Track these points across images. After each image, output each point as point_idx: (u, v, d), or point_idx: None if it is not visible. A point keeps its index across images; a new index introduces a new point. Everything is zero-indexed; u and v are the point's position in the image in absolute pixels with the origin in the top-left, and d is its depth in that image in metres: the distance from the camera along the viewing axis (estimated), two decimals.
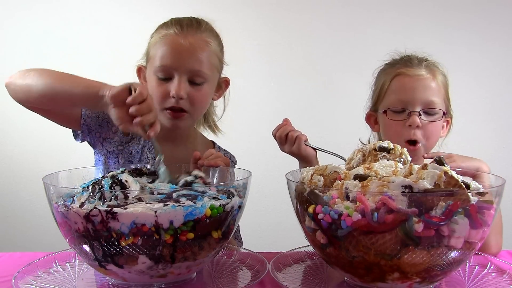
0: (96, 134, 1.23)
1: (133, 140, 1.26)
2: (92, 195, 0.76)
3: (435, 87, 1.25)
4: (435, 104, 1.23)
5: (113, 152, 1.25)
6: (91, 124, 1.21)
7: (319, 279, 0.88)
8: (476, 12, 2.34)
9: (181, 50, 1.14)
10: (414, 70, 1.26)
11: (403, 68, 1.27)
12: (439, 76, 1.28)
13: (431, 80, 1.25)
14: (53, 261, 0.94)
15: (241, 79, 2.37)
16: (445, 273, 0.76)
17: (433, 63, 1.30)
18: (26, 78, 1.06)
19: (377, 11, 2.35)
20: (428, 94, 1.23)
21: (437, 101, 1.23)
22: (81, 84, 1.00)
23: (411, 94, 1.23)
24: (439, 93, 1.25)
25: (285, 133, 1.31)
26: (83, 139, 1.25)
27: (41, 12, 2.30)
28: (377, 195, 0.70)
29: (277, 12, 2.36)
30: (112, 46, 2.26)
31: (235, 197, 0.83)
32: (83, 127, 1.20)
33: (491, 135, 2.33)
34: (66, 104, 1.08)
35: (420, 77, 1.25)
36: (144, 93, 0.90)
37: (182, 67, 1.14)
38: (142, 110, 0.90)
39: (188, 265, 0.80)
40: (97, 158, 1.29)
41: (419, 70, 1.26)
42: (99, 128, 1.22)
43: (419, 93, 1.23)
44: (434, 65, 1.30)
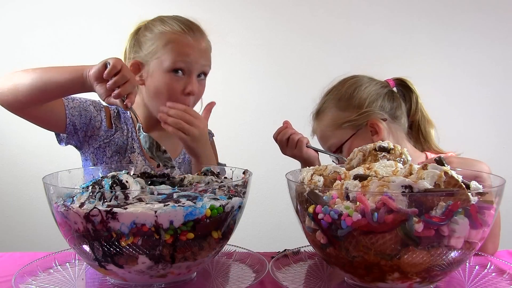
0: (81, 133, 1.25)
1: (118, 132, 1.30)
2: (92, 195, 0.76)
3: (322, 134, 1.33)
4: (332, 147, 1.31)
5: (99, 147, 1.29)
6: (76, 123, 1.23)
7: (319, 279, 0.88)
8: (476, 12, 2.34)
9: (195, 52, 1.23)
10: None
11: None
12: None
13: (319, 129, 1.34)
14: (53, 261, 0.94)
15: (241, 79, 2.39)
16: (445, 273, 0.76)
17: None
18: (11, 79, 1.11)
19: (377, 11, 2.35)
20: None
21: (331, 143, 1.31)
22: (66, 71, 1.05)
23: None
24: (328, 135, 1.32)
25: (286, 137, 1.31)
26: (68, 142, 1.27)
27: (28, 6, 2.29)
28: (377, 195, 0.70)
29: (277, 12, 2.36)
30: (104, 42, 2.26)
31: (235, 197, 0.84)
32: (68, 127, 1.22)
33: (491, 135, 2.33)
34: (56, 92, 1.10)
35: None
36: (118, 66, 0.96)
37: (194, 66, 1.23)
38: (118, 82, 0.97)
39: (188, 265, 0.80)
40: (84, 159, 1.31)
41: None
42: (84, 126, 1.25)
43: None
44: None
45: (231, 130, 2.26)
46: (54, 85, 1.07)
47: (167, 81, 1.22)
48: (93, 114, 1.26)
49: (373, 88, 1.30)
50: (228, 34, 2.30)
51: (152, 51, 1.23)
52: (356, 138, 1.26)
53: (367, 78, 1.34)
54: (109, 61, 0.97)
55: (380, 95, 1.29)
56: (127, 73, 0.98)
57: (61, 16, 2.30)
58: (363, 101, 1.27)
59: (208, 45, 1.28)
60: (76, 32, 2.30)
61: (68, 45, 2.27)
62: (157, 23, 1.26)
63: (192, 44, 1.23)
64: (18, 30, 2.30)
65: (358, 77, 1.34)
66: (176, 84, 1.22)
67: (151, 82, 1.24)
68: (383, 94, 1.30)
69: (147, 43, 1.25)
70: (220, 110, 2.32)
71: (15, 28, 2.30)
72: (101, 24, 2.30)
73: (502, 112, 2.36)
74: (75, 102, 1.24)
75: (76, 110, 1.23)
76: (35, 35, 2.30)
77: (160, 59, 1.22)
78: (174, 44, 1.22)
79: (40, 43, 2.30)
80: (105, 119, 1.28)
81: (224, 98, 2.27)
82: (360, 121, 1.27)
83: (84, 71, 1.01)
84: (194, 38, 1.24)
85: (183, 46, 1.22)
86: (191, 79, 1.23)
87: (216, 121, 1.32)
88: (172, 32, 1.23)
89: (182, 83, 1.22)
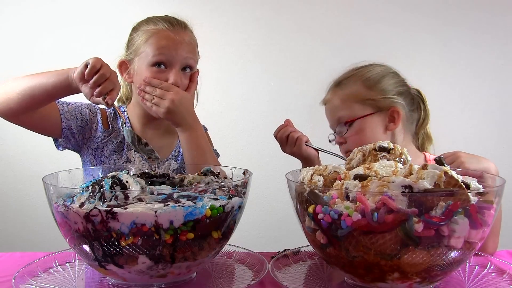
0: (79, 136, 1.28)
1: (114, 132, 1.32)
2: (92, 195, 0.76)
3: (336, 103, 1.31)
4: (342, 118, 1.29)
5: (97, 147, 1.31)
6: (72, 127, 1.25)
7: (319, 279, 0.88)
8: (476, 12, 2.34)
9: (175, 44, 1.24)
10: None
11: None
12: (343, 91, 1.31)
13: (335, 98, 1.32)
14: (53, 261, 0.94)
15: (241, 79, 2.39)
16: (445, 273, 0.76)
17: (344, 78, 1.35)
18: (2, 89, 1.14)
19: (377, 11, 2.35)
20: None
21: (343, 114, 1.28)
22: (52, 75, 1.08)
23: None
24: (343, 106, 1.30)
25: (286, 134, 1.31)
26: (65, 147, 1.29)
27: (31, 9, 2.30)
28: (377, 195, 0.70)
29: (277, 12, 2.36)
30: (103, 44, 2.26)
31: (235, 197, 0.84)
32: (64, 131, 1.24)
33: (491, 135, 2.33)
34: (44, 97, 1.12)
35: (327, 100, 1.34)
36: (97, 65, 0.99)
37: (176, 58, 1.24)
38: (98, 80, 0.99)
39: (188, 265, 0.80)
40: (83, 161, 1.33)
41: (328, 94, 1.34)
42: (81, 129, 1.28)
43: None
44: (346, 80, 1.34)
45: (231, 130, 2.26)
46: (42, 90, 1.09)
47: (149, 75, 1.23)
48: (89, 117, 1.29)
49: (399, 82, 1.31)
50: (228, 33, 2.30)
51: (136, 48, 1.26)
52: (372, 118, 1.26)
53: (393, 70, 1.35)
54: (89, 61, 0.99)
55: (405, 92, 1.31)
56: (107, 71, 1.00)
57: (68, 20, 2.30)
58: (390, 88, 1.28)
59: (192, 39, 1.29)
60: (81, 36, 2.30)
61: (74, 49, 2.27)
62: (143, 22, 1.30)
63: (172, 37, 1.24)
64: (26, 34, 2.31)
65: (386, 67, 1.35)
66: (159, 77, 1.23)
67: (137, 79, 1.27)
68: (407, 92, 1.32)
69: (131, 41, 1.28)
70: (220, 110, 2.31)
71: (22, 32, 2.30)
72: (105, 27, 2.30)
73: (502, 112, 2.36)
74: (70, 106, 1.26)
75: (71, 114, 1.25)
76: (43, 39, 2.31)
77: (142, 55, 1.24)
78: (153, 38, 1.24)
79: (47, 46, 2.30)
80: (101, 121, 1.31)
81: (224, 98, 2.29)
82: (383, 103, 1.27)
83: (69, 73, 1.04)
84: (174, 32, 1.25)
85: (162, 39, 1.24)
86: (173, 71, 1.24)
87: (216, 121, 1.33)
88: (154, 29, 1.25)
89: (164, 75, 1.23)
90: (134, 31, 1.30)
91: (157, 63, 1.23)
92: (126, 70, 1.29)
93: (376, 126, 1.26)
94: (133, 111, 1.36)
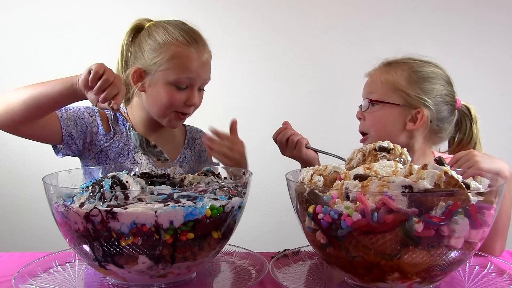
0: (80, 141, 1.26)
1: (117, 134, 1.31)
2: (92, 195, 0.76)
3: (375, 80, 1.30)
4: (371, 95, 1.28)
5: (101, 151, 1.29)
6: (72, 132, 1.23)
7: (319, 279, 0.88)
8: (476, 13, 2.34)
9: (199, 66, 1.25)
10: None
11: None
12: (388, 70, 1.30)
13: (377, 76, 1.30)
14: (53, 261, 0.94)
15: (241, 79, 2.39)
16: (445, 273, 0.76)
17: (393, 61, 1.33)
18: (4, 100, 1.12)
19: (378, 11, 2.35)
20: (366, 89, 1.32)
21: (374, 92, 1.28)
22: (57, 83, 1.07)
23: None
24: (380, 86, 1.28)
25: (285, 138, 1.31)
26: (65, 153, 1.27)
27: (32, 11, 2.30)
28: (377, 195, 0.70)
29: (277, 12, 2.35)
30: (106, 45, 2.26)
31: (235, 197, 0.84)
32: (65, 138, 1.23)
33: (491, 135, 2.33)
34: (50, 106, 1.11)
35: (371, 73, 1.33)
36: (100, 71, 0.98)
37: (198, 79, 1.26)
38: (102, 86, 0.98)
39: (188, 265, 0.80)
40: (85, 165, 1.32)
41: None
42: (81, 134, 1.26)
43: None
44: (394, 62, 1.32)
45: None
46: (47, 99, 1.08)
47: (169, 93, 1.23)
48: (88, 121, 1.27)
49: (446, 91, 1.27)
50: (228, 34, 2.30)
51: (157, 62, 1.23)
52: (396, 109, 1.24)
53: (448, 79, 1.31)
54: (92, 67, 0.98)
55: (445, 101, 1.27)
56: (110, 76, 0.98)
57: (71, 25, 2.30)
58: (430, 92, 1.25)
59: (210, 56, 1.30)
60: (83, 41, 2.29)
61: (78, 54, 2.26)
62: (160, 30, 1.25)
63: (196, 58, 1.24)
64: (28, 40, 2.30)
65: (442, 72, 1.30)
66: (178, 96, 1.24)
67: (153, 91, 1.25)
68: (448, 102, 1.27)
69: (151, 53, 1.24)
70: (220, 111, 2.31)
71: (25, 38, 2.30)
72: (106, 29, 2.30)
73: (502, 112, 2.36)
74: (69, 112, 1.24)
75: (71, 120, 1.23)
76: (45, 43, 2.30)
77: (164, 72, 1.22)
78: (179, 60, 1.22)
79: (50, 51, 2.30)
80: (101, 123, 1.29)
81: (224, 99, 2.28)
82: (413, 101, 1.24)
83: (73, 81, 1.03)
84: (197, 51, 1.24)
85: (188, 62, 1.23)
86: (193, 92, 1.26)
87: (216, 122, 1.32)
88: (177, 44, 1.22)
89: (184, 95, 1.25)
90: (150, 38, 1.26)
91: (180, 83, 1.23)
92: (140, 79, 1.26)
93: (396, 119, 1.24)
94: (136, 113, 1.34)
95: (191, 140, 1.46)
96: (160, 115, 1.28)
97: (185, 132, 1.47)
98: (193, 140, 1.46)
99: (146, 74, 1.25)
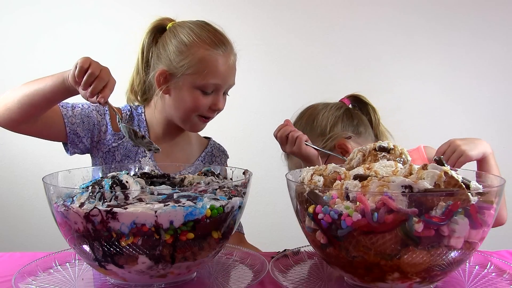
0: (87, 140, 1.24)
1: (125, 137, 1.27)
2: (92, 195, 0.76)
3: None
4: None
5: (108, 151, 1.28)
6: (77, 131, 1.22)
7: (319, 279, 0.88)
8: (476, 12, 2.34)
9: (227, 72, 1.24)
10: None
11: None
12: None
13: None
14: (53, 261, 0.94)
15: (242, 79, 2.38)
16: (445, 273, 0.76)
17: None
18: (2, 101, 1.12)
19: (377, 11, 2.35)
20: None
21: None
22: (49, 80, 1.06)
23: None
24: None
25: (286, 134, 1.32)
26: (73, 152, 1.26)
27: (35, 10, 2.30)
28: (377, 195, 0.70)
29: (277, 12, 2.35)
30: (112, 44, 2.26)
31: (235, 197, 0.84)
32: (69, 135, 1.21)
33: (491, 135, 2.33)
34: (44, 103, 1.10)
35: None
36: (85, 65, 0.96)
37: (225, 85, 1.25)
38: (88, 81, 0.96)
39: (188, 265, 0.80)
40: (94, 162, 1.31)
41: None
42: (88, 132, 1.24)
43: None
44: None
45: (231, 130, 2.26)
46: (40, 96, 1.07)
47: (195, 98, 1.22)
48: (96, 119, 1.25)
49: (330, 112, 1.36)
50: (228, 34, 2.30)
51: (184, 65, 1.20)
52: (330, 162, 1.29)
53: (322, 104, 1.40)
54: (77, 62, 0.97)
55: (338, 117, 1.36)
56: (96, 69, 0.96)
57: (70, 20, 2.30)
58: (324, 128, 1.32)
59: (235, 58, 1.28)
60: (86, 35, 2.29)
61: (75, 50, 2.27)
62: (185, 31, 1.22)
63: (224, 63, 1.22)
64: (28, 35, 2.30)
65: (313, 107, 1.40)
66: (204, 101, 1.23)
67: (178, 95, 1.23)
68: (341, 115, 1.36)
69: (177, 55, 1.21)
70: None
71: (25, 33, 2.30)
72: (109, 26, 2.30)
73: (502, 112, 2.36)
74: (76, 110, 1.23)
75: (77, 118, 1.22)
76: (45, 39, 2.30)
77: (191, 76, 1.20)
78: (207, 64, 1.20)
79: (50, 47, 2.30)
80: (111, 122, 1.27)
81: None
82: (328, 146, 1.32)
83: (64, 77, 1.02)
84: (225, 54, 1.23)
85: (216, 67, 1.21)
86: (219, 97, 1.25)
87: (216, 121, 1.32)
88: (204, 47, 1.20)
89: (209, 100, 1.24)
90: (175, 38, 1.22)
91: (208, 89, 1.22)
92: (166, 82, 1.23)
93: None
94: (156, 115, 1.30)
95: (209, 155, 1.41)
96: (183, 119, 1.26)
97: (206, 145, 1.43)
98: (212, 156, 1.42)
99: (171, 76, 1.22)
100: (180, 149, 1.34)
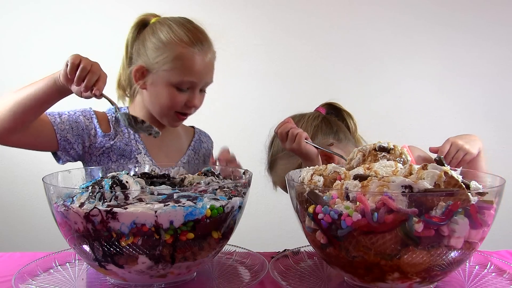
0: (78, 146, 1.24)
1: (118, 136, 1.29)
2: (92, 195, 0.76)
3: None
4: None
5: (103, 153, 1.27)
6: (68, 137, 1.22)
7: (319, 279, 0.88)
8: (475, 12, 2.34)
9: (203, 69, 1.24)
10: None
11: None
12: None
13: None
14: (53, 261, 0.94)
15: (242, 79, 2.39)
16: (445, 273, 0.76)
17: None
18: None
19: (377, 11, 2.35)
20: None
21: None
22: (40, 83, 1.06)
23: None
24: None
25: (286, 131, 1.32)
26: (65, 160, 1.25)
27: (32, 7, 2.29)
28: (377, 195, 0.70)
29: (276, 12, 2.36)
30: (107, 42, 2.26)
31: (235, 197, 0.84)
32: (61, 142, 1.21)
33: (490, 135, 2.33)
34: (37, 106, 1.09)
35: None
36: (76, 61, 0.97)
37: (201, 82, 1.25)
38: (81, 76, 0.97)
39: (188, 265, 0.80)
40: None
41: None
42: (79, 138, 1.24)
43: None
44: None
45: (231, 130, 2.26)
46: (33, 100, 1.06)
47: (171, 94, 1.23)
48: (84, 124, 1.25)
49: (308, 123, 1.37)
50: (228, 34, 2.30)
51: (160, 61, 1.21)
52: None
53: (298, 116, 1.42)
54: (68, 59, 0.98)
55: (317, 126, 1.37)
56: (87, 64, 0.98)
57: (67, 17, 2.30)
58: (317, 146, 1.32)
59: (214, 56, 1.28)
60: (80, 33, 2.30)
61: (74, 46, 2.27)
62: (164, 28, 1.24)
63: (200, 61, 1.22)
64: (24, 34, 2.30)
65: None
66: (179, 98, 1.24)
67: (154, 90, 1.25)
68: (320, 124, 1.38)
69: (154, 51, 1.22)
70: (220, 110, 2.31)
71: (21, 31, 2.30)
72: (104, 23, 2.30)
73: (502, 112, 2.37)
74: (63, 117, 1.23)
75: (65, 124, 1.22)
76: (41, 38, 2.30)
77: (167, 72, 1.21)
78: (183, 61, 1.21)
79: (46, 45, 2.30)
80: (99, 125, 1.27)
81: (224, 99, 2.28)
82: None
83: (55, 77, 1.03)
84: (201, 52, 1.23)
85: (192, 64, 1.21)
86: (194, 94, 1.25)
87: (217, 121, 1.33)
88: (181, 45, 1.21)
89: (185, 97, 1.24)
90: (154, 35, 1.24)
91: (182, 85, 1.23)
92: (142, 77, 1.25)
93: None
94: (138, 111, 1.32)
95: (198, 142, 1.45)
96: (160, 115, 1.28)
97: (193, 134, 1.47)
98: (200, 143, 1.46)
99: (148, 72, 1.24)
100: (170, 140, 1.37)
